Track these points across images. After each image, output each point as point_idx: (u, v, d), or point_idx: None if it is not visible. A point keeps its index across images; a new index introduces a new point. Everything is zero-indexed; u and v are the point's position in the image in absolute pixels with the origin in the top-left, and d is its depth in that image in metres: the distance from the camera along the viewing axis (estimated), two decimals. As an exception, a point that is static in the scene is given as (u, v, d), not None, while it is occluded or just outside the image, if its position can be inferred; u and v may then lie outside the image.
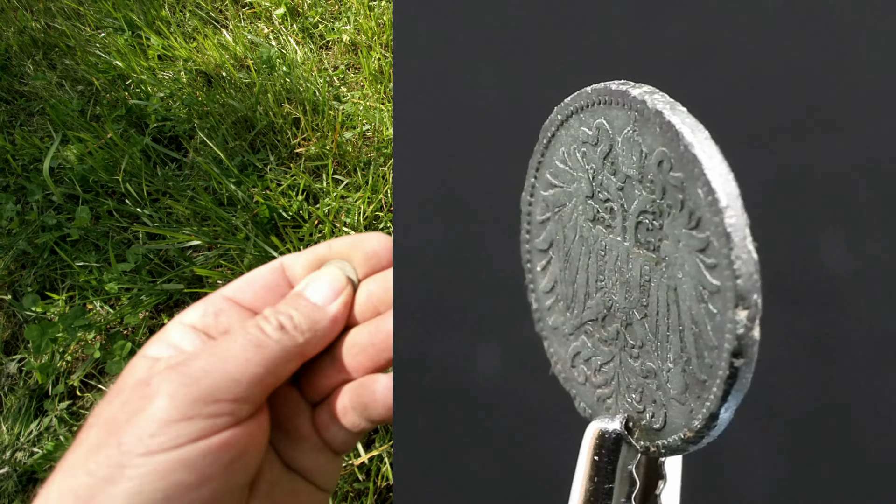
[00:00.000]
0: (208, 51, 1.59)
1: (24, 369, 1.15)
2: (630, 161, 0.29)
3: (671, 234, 0.28)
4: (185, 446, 0.28)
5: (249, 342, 0.32)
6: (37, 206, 1.35)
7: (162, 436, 0.28)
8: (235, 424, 0.30)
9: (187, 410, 0.29)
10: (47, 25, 1.75)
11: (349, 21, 1.65)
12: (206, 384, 0.30)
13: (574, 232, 0.31)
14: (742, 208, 0.26)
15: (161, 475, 0.27)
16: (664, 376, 0.29)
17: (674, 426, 0.29)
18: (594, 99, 0.29)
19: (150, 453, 0.28)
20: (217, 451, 0.29)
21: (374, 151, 1.36)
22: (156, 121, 1.47)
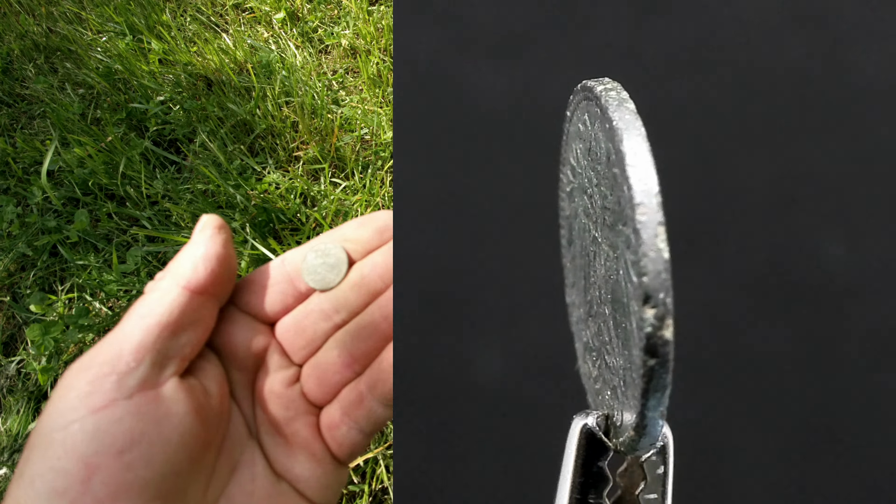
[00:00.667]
0: (208, 55, 1.60)
1: (24, 371, 1.15)
2: (598, 157, 0.29)
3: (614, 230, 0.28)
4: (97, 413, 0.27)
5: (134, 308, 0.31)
6: (37, 208, 1.35)
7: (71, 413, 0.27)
8: (149, 387, 0.28)
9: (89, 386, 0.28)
10: (49, 29, 1.76)
11: (348, 26, 1.65)
12: (102, 356, 0.29)
13: (577, 227, 0.31)
14: (658, 206, 0.26)
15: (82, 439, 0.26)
16: (621, 374, 0.29)
17: (625, 425, 0.29)
18: (581, 95, 0.30)
19: (64, 427, 0.27)
20: (131, 416, 0.27)
21: (372, 155, 1.37)
22: (156, 124, 1.47)
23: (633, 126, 0.27)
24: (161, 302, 0.30)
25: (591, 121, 0.29)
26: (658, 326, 0.26)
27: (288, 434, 0.33)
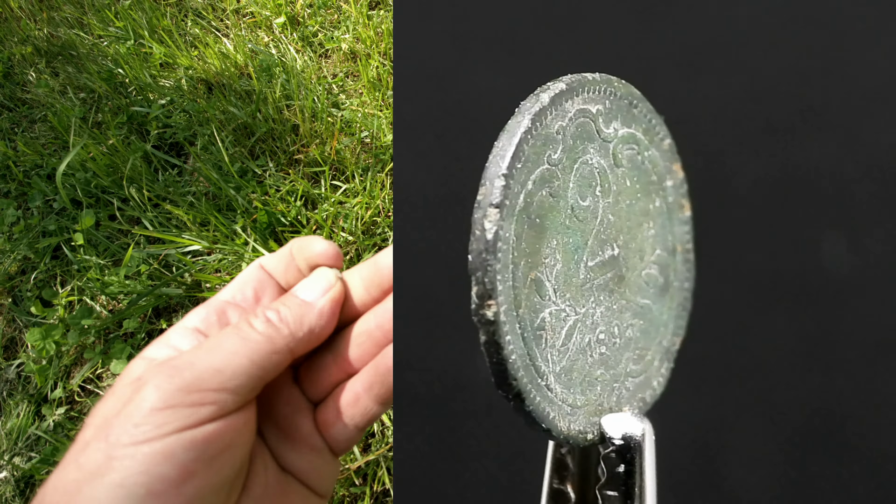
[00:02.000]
0: (209, 59, 1.60)
1: (23, 374, 1.15)
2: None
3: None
4: (169, 437, 0.28)
5: (235, 335, 0.32)
6: (38, 211, 1.35)
7: (146, 425, 0.28)
8: (220, 416, 0.30)
9: (171, 399, 0.29)
10: (50, 34, 1.76)
11: (348, 30, 1.66)
12: (191, 374, 0.30)
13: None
14: (498, 189, 0.28)
15: (145, 468, 0.27)
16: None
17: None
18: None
19: (136, 443, 0.28)
20: (201, 444, 0.29)
21: (372, 158, 1.37)
22: (157, 127, 1.47)
23: (526, 113, 0.30)
24: (263, 351, 0.32)
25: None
26: (479, 304, 0.28)
27: (290, 430, 0.35)
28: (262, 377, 0.32)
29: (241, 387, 0.31)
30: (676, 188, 0.33)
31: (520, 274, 0.31)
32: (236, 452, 0.31)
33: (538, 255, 0.32)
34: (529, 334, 0.31)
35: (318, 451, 0.35)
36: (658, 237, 0.33)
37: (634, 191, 0.33)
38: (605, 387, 0.33)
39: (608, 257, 0.33)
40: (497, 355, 0.30)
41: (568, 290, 0.32)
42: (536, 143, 0.31)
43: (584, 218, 0.32)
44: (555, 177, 0.32)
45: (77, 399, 1.13)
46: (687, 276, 0.34)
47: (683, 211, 0.33)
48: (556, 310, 0.32)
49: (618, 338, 0.33)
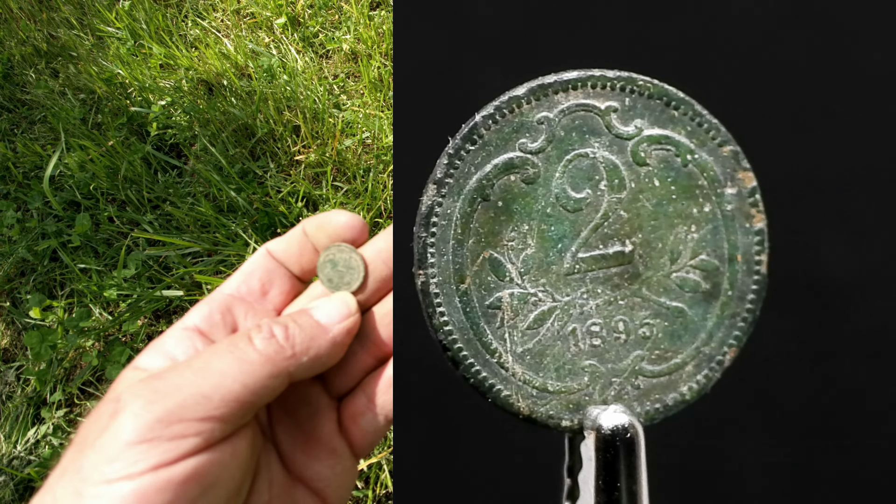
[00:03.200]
0: (210, 60, 1.60)
1: (23, 377, 1.15)
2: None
3: None
4: (144, 476, 0.25)
5: (230, 353, 0.29)
6: (37, 213, 1.35)
7: (119, 461, 0.26)
8: (204, 449, 0.27)
9: (148, 431, 0.26)
10: (50, 35, 1.76)
11: (349, 30, 1.65)
12: (173, 401, 0.27)
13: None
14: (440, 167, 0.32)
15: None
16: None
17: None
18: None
19: (107, 482, 0.25)
20: (179, 485, 0.26)
21: (373, 158, 1.37)
22: (157, 128, 1.47)
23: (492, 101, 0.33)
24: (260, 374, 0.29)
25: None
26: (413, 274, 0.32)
27: (308, 430, 0.33)
28: (256, 403, 0.29)
29: (230, 415, 0.28)
30: (742, 196, 0.32)
31: (465, 251, 0.32)
32: (222, 489, 0.28)
33: (497, 236, 0.32)
34: (475, 310, 0.33)
35: (337, 454, 0.33)
36: (706, 242, 0.32)
37: (667, 192, 0.32)
38: (598, 379, 0.33)
39: (613, 252, 0.33)
40: (429, 322, 0.32)
41: (543, 276, 0.33)
42: (503, 129, 0.32)
43: (575, 209, 0.32)
44: (529, 164, 0.32)
45: (76, 402, 1.13)
46: (751, 289, 0.32)
47: (753, 221, 0.32)
48: (520, 292, 0.33)
49: (622, 334, 0.33)
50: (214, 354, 0.29)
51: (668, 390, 0.33)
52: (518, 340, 0.33)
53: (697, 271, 0.32)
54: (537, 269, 0.33)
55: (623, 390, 0.33)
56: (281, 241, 0.36)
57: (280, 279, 0.35)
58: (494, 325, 0.33)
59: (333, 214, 0.35)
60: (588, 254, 0.33)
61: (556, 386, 0.33)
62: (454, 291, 0.33)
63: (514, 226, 0.32)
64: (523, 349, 0.33)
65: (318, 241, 0.35)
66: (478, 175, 0.33)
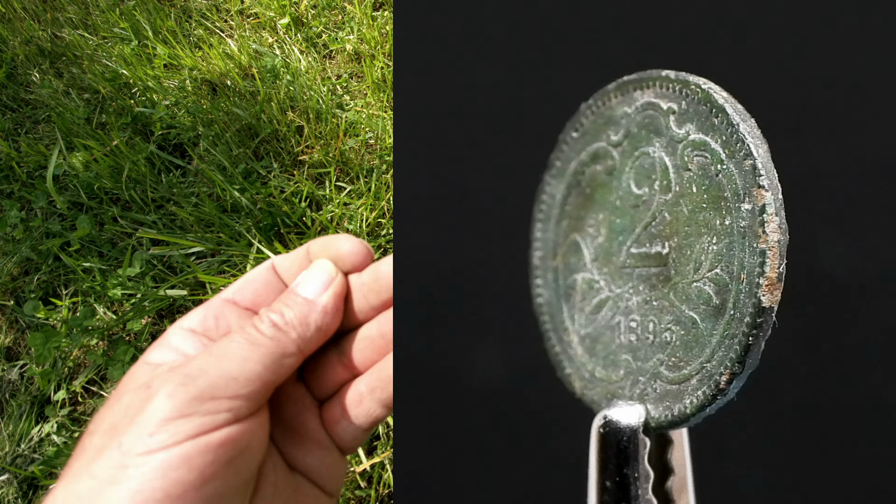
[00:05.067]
0: (213, 60, 1.60)
1: (26, 375, 1.15)
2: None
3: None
4: (185, 443, 0.28)
5: (245, 341, 0.32)
6: (41, 212, 1.36)
7: (161, 434, 0.28)
8: (235, 421, 0.30)
9: (185, 408, 0.29)
10: (54, 35, 1.77)
11: (352, 31, 1.66)
12: (204, 382, 0.30)
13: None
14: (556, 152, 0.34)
15: (162, 473, 0.27)
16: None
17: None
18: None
19: (150, 452, 0.28)
20: (217, 449, 0.29)
21: (376, 159, 1.37)
22: (161, 128, 1.47)
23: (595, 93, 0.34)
24: (275, 355, 0.32)
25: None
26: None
27: (297, 427, 0.35)
28: (275, 381, 0.32)
29: (255, 392, 0.31)
30: (754, 214, 0.32)
31: (561, 230, 0.35)
32: (253, 455, 0.31)
33: (582, 221, 0.35)
34: (560, 288, 0.35)
35: (326, 448, 0.35)
36: (721, 256, 0.32)
37: (700, 199, 0.32)
38: (630, 375, 0.33)
39: (654, 252, 0.33)
40: (533, 291, 0.35)
41: (606, 265, 0.34)
42: (597, 120, 0.34)
43: (636, 205, 0.34)
44: (610, 156, 0.34)
45: (80, 400, 1.13)
46: (748, 312, 0.32)
47: (759, 241, 0.32)
48: (588, 277, 0.35)
49: (651, 334, 0.33)
50: (231, 342, 0.32)
51: (676, 400, 0.33)
52: (582, 323, 0.35)
53: (712, 284, 0.32)
54: (604, 257, 0.34)
55: (645, 391, 0.33)
56: (286, 258, 0.37)
57: (275, 294, 0.37)
58: (570, 304, 0.35)
59: (339, 239, 0.37)
60: (637, 250, 0.33)
61: (601, 374, 0.34)
62: (549, 267, 0.35)
63: (593, 213, 0.35)
64: (584, 332, 0.35)
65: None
66: (575, 161, 0.35)
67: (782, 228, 0.30)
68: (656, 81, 0.33)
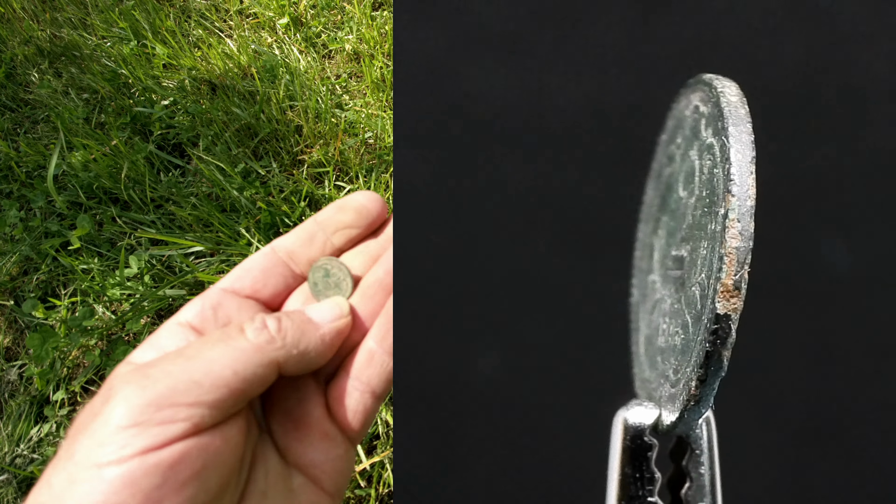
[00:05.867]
0: (213, 60, 1.60)
1: (25, 375, 1.15)
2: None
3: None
4: (132, 460, 0.26)
5: (221, 342, 0.30)
6: (40, 212, 1.36)
7: (110, 444, 0.26)
8: (193, 433, 0.27)
9: (139, 416, 0.26)
10: (53, 35, 1.76)
11: (351, 31, 1.66)
12: (164, 386, 0.27)
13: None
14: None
15: (103, 498, 0.25)
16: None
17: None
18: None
19: (98, 465, 0.25)
20: (167, 469, 0.26)
21: (375, 158, 1.37)
22: (160, 128, 1.47)
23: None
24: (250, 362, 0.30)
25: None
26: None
27: (299, 417, 0.33)
28: (246, 391, 0.29)
29: (221, 401, 0.28)
30: (723, 220, 0.32)
31: (647, 231, 0.36)
32: (213, 474, 0.28)
33: (658, 222, 0.36)
34: (643, 286, 0.36)
35: (330, 439, 0.33)
36: (705, 261, 0.32)
37: (704, 203, 0.33)
38: (658, 377, 0.34)
39: (679, 256, 0.34)
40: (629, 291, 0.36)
41: (662, 267, 0.35)
42: (671, 122, 0.35)
43: (677, 208, 0.34)
44: (674, 160, 0.35)
45: (79, 401, 1.13)
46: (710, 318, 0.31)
47: (721, 247, 0.32)
48: (653, 279, 0.35)
49: (670, 338, 0.33)
50: (206, 343, 0.30)
51: (670, 404, 0.33)
52: (646, 323, 0.35)
53: (698, 289, 0.32)
54: (662, 258, 0.35)
55: (661, 394, 0.34)
56: (286, 237, 0.37)
57: (275, 278, 0.36)
58: (644, 305, 0.36)
59: (355, 196, 0.37)
60: (675, 253, 0.34)
61: (648, 375, 0.35)
62: (640, 268, 0.36)
63: (662, 215, 0.35)
64: (646, 333, 0.35)
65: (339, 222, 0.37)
66: (657, 163, 0.36)
67: (744, 235, 0.30)
68: (699, 84, 0.33)
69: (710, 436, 0.32)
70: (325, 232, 0.37)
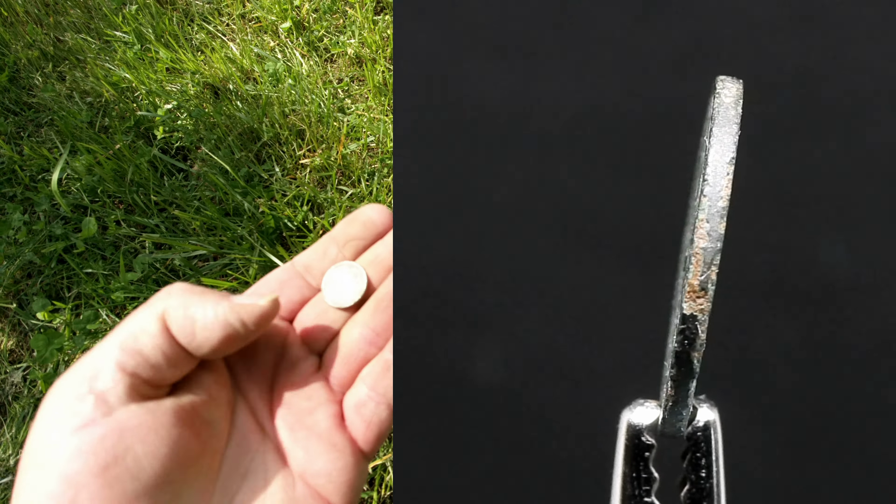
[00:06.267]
0: (216, 64, 1.61)
1: (29, 378, 1.16)
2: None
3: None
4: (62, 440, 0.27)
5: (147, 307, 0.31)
6: (44, 216, 1.36)
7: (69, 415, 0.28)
8: (104, 414, 0.28)
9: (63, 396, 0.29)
10: (57, 39, 1.77)
11: (354, 35, 1.66)
12: (70, 377, 0.29)
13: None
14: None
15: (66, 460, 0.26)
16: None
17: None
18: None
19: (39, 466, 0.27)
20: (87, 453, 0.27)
21: (378, 162, 1.37)
22: (163, 132, 1.47)
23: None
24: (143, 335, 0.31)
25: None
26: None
27: (308, 425, 0.33)
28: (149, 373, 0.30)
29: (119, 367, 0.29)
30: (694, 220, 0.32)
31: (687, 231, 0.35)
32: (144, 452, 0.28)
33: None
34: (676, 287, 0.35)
35: (339, 449, 0.32)
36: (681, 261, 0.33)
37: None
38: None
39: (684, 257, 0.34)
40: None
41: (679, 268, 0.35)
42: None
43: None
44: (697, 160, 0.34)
45: (83, 403, 1.13)
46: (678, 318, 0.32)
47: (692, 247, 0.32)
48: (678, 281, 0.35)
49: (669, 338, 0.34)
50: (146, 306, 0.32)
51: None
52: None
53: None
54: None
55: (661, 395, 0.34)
56: (307, 252, 0.38)
57: (291, 289, 0.37)
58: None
59: (365, 209, 0.39)
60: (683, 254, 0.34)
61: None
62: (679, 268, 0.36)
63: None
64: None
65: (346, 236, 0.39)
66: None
67: (712, 236, 0.30)
68: (714, 83, 0.33)
69: (710, 438, 0.32)
70: (337, 245, 0.38)
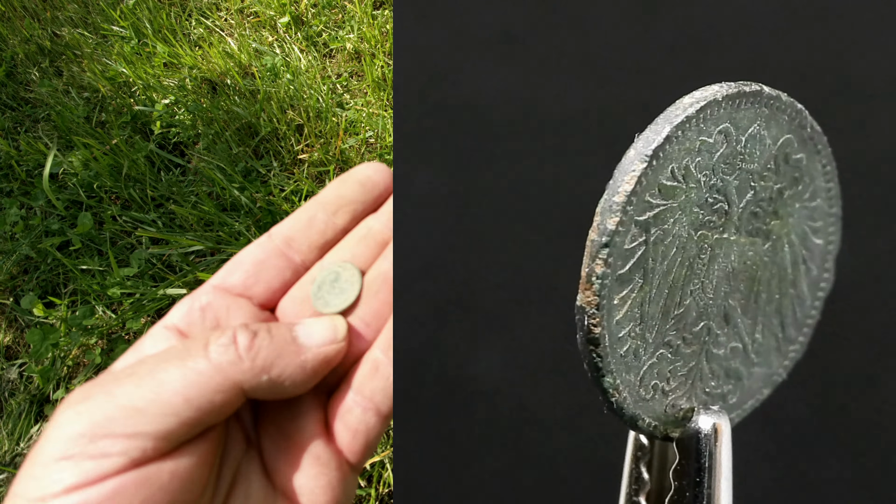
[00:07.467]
0: (213, 58, 1.60)
1: (25, 374, 1.15)
2: (753, 156, 0.30)
3: (783, 212, 0.32)
4: (60, 497, 0.23)
5: (177, 360, 0.26)
6: (40, 211, 1.36)
7: (41, 479, 0.23)
8: (131, 468, 0.24)
9: (71, 446, 0.23)
10: (54, 33, 1.76)
11: (352, 30, 1.66)
12: (101, 413, 0.24)
13: (673, 246, 0.30)
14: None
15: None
16: (750, 349, 0.33)
17: (750, 392, 0.33)
18: (721, 104, 0.30)
19: (28, 502, 0.23)
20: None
21: (376, 158, 1.37)
22: (160, 127, 1.47)
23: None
24: (207, 387, 0.25)
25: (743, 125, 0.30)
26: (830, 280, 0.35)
27: (291, 434, 0.29)
28: (201, 420, 0.25)
29: (167, 432, 0.24)
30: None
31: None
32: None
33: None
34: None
35: (321, 463, 0.29)
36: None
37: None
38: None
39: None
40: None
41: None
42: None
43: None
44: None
45: (80, 399, 1.13)
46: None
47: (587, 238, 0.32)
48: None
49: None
50: (161, 360, 0.26)
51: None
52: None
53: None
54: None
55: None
56: (287, 220, 0.32)
57: (269, 271, 0.31)
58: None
59: (360, 168, 0.33)
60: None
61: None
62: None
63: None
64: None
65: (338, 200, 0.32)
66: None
67: (600, 230, 0.29)
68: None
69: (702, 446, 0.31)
70: (327, 211, 0.33)
